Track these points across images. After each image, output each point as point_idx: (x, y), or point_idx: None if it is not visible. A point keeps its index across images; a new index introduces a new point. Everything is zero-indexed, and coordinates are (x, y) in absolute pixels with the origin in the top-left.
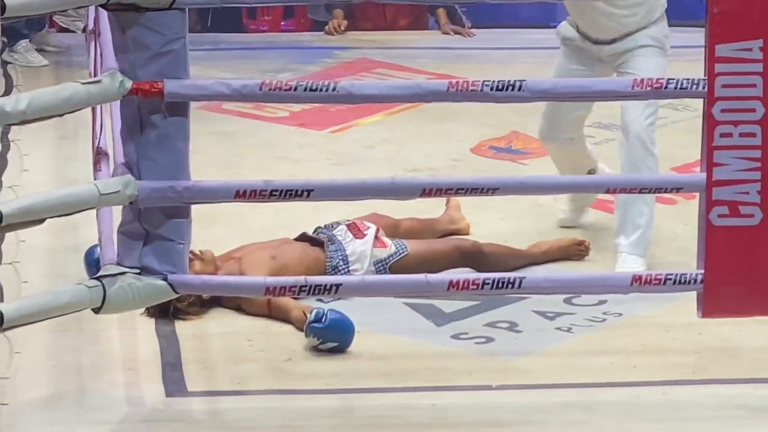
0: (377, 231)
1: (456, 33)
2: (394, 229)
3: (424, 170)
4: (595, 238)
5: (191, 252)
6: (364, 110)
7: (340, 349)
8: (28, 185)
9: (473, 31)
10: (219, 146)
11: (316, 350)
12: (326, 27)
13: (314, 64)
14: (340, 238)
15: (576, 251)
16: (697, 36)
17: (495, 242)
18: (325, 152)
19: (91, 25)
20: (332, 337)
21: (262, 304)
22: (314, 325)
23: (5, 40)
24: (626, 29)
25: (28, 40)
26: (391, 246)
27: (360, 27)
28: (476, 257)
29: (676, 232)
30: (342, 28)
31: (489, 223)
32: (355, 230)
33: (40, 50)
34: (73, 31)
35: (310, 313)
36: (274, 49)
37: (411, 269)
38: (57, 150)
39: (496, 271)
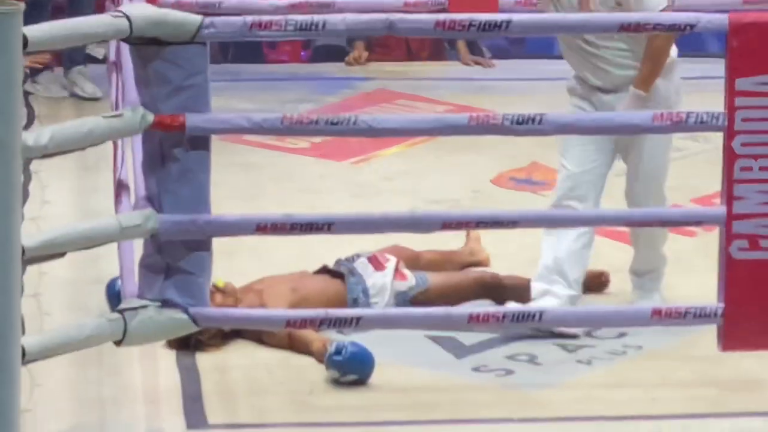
0: (398, 263)
1: (476, 63)
2: (414, 261)
3: (444, 201)
4: (615, 269)
5: (212, 285)
6: (385, 141)
7: (360, 382)
8: (49, 217)
9: (494, 61)
10: (240, 177)
11: (337, 383)
12: (347, 58)
13: (334, 95)
14: (360, 270)
15: (596, 283)
16: (715, 67)
17: (515, 274)
18: (346, 183)
19: (112, 56)
20: (352, 370)
21: (283, 337)
22: (334, 357)
23: (39, 67)
24: (620, 78)
25: (83, 66)
26: (411, 278)
27: (380, 58)
28: (496, 289)
29: (696, 265)
30: (363, 59)
31: (509, 255)
32: (376, 263)
33: (70, 88)
34: (95, 57)
35: (330, 345)
36: (294, 80)
37: (432, 302)
38: (78, 182)
39: (515, 303)
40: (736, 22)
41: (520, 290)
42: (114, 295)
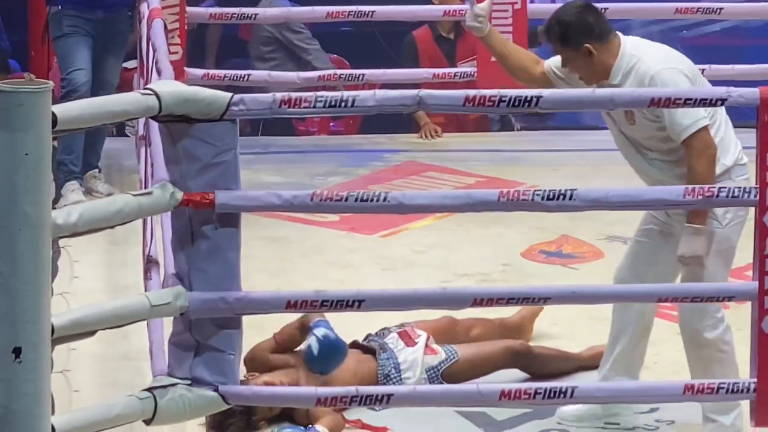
0: (428, 339)
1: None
2: (450, 330)
3: (474, 275)
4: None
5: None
6: (414, 215)
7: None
8: (79, 292)
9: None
10: (269, 251)
11: None
12: (420, 133)
13: (364, 167)
14: (391, 346)
15: None
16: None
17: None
18: (376, 257)
19: (141, 131)
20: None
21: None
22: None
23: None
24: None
25: (78, 181)
26: (441, 352)
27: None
28: (526, 359)
29: None
30: (439, 133)
31: (540, 328)
32: (407, 338)
33: (87, 193)
34: (127, 135)
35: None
36: (323, 152)
37: (462, 373)
38: (107, 256)
39: (545, 373)
40: (767, 96)
41: (549, 360)
42: None
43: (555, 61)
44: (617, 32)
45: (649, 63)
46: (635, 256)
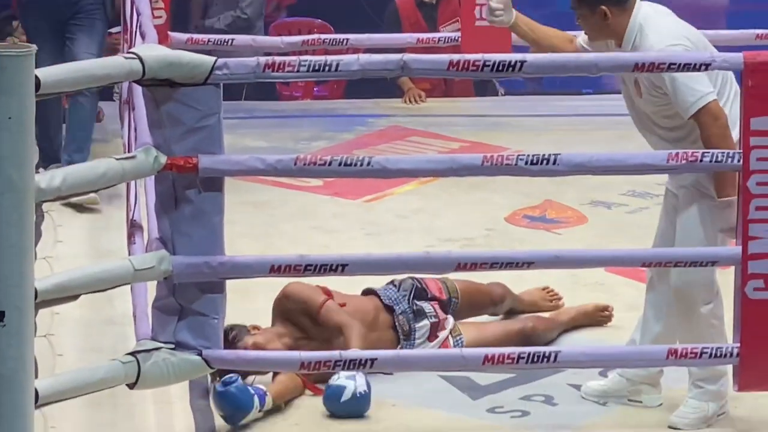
0: (451, 331)
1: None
2: (481, 298)
3: (458, 240)
4: (627, 307)
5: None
6: (398, 179)
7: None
8: (62, 257)
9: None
10: (253, 216)
11: (352, 424)
12: (404, 98)
13: (348, 131)
14: (418, 337)
15: (600, 317)
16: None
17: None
18: (360, 222)
19: (125, 95)
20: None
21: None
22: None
23: None
24: None
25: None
26: (451, 346)
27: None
28: (526, 339)
29: None
30: (423, 98)
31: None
32: (434, 333)
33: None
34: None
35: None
36: (307, 117)
37: None
38: (91, 221)
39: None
40: (751, 61)
41: (542, 334)
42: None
43: (585, 38)
44: None
45: (653, 40)
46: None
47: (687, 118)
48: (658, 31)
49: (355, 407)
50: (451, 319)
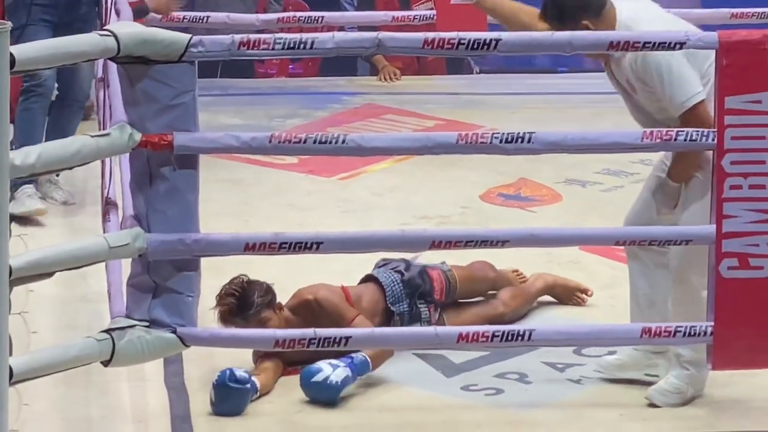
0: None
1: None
2: (472, 279)
3: (433, 218)
4: (603, 285)
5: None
6: (373, 157)
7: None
8: (36, 234)
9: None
10: (228, 194)
11: (328, 403)
12: (379, 75)
13: (323, 109)
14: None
15: (576, 298)
16: None
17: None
18: (335, 199)
19: (99, 73)
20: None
21: None
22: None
23: None
24: None
25: (33, 185)
26: None
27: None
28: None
29: None
30: (398, 76)
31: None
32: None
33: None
34: None
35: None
36: (282, 94)
37: None
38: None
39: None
40: (726, 40)
41: (517, 311)
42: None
43: None
44: (610, 1)
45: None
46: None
47: (677, 116)
48: (644, 29)
49: (323, 392)
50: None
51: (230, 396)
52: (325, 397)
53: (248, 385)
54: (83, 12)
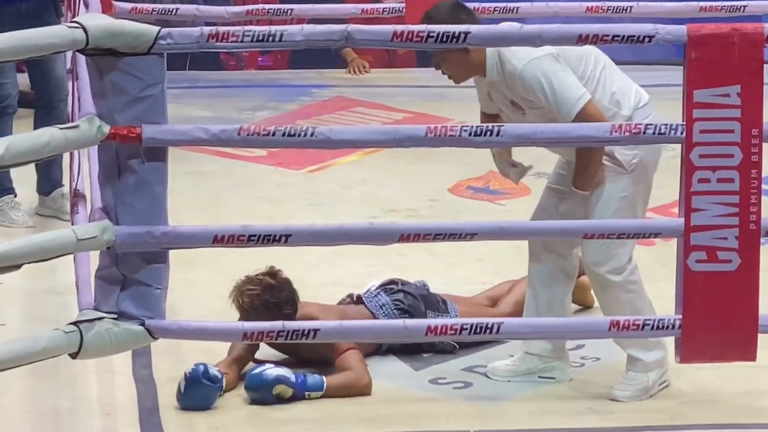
0: None
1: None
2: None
3: (401, 211)
4: None
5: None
6: (342, 150)
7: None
8: (2, 228)
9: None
10: (197, 186)
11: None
12: (348, 68)
13: (292, 102)
14: None
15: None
16: (675, 75)
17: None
18: (303, 192)
19: (68, 64)
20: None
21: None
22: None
23: None
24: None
25: (13, 195)
26: None
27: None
28: None
29: (654, 274)
30: (367, 69)
31: (467, 264)
32: None
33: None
34: None
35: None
36: (251, 87)
37: None
38: (33, 191)
39: None
40: (694, 33)
41: None
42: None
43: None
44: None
45: (513, 61)
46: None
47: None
48: (515, 53)
49: (253, 382)
50: None
51: (200, 392)
52: (253, 386)
53: (219, 385)
54: (45, 14)
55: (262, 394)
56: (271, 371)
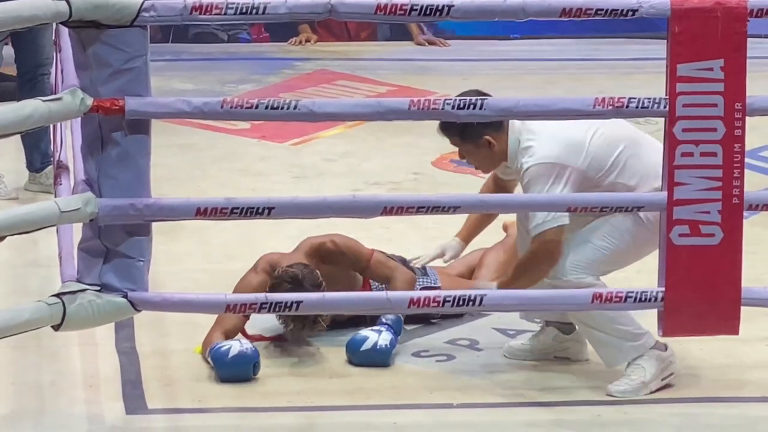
0: None
1: (431, 43)
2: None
3: (385, 184)
4: None
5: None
6: (325, 123)
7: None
8: None
9: (447, 41)
10: (180, 159)
11: (279, 368)
12: (292, 40)
13: (275, 75)
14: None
15: None
16: (657, 48)
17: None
18: (287, 165)
19: (51, 37)
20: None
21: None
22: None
23: None
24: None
25: None
26: None
27: (323, 39)
28: None
29: None
30: (312, 42)
31: (449, 237)
32: None
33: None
34: None
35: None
36: (234, 60)
37: None
38: (17, 163)
39: None
40: (678, 7)
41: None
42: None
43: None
44: None
45: (526, 157)
46: None
47: (531, 236)
48: (531, 149)
49: (375, 357)
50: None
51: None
52: (378, 361)
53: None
54: None
55: (385, 362)
56: (381, 341)
